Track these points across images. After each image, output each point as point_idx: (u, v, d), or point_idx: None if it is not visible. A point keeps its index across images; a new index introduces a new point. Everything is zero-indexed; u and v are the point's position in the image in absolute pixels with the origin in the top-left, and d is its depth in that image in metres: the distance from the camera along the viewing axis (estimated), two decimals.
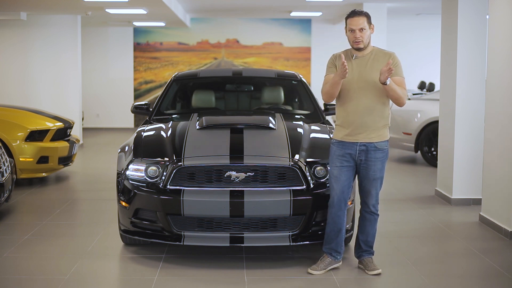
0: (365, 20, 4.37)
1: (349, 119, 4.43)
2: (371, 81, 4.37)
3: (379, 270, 4.54)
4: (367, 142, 4.41)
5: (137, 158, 4.87)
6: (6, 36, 11.99)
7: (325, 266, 4.58)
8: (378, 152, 4.43)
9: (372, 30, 4.48)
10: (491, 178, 5.91)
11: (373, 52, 4.45)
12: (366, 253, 4.63)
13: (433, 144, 9.48)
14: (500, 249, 5.24)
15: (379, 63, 4.39)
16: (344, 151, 4.45)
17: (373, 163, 4.42)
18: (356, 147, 4.42)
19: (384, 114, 4.44)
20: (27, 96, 11.92)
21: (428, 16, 14.61)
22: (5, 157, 6.28)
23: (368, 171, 4.44)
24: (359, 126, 4.40)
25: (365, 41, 4.39)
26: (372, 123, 4.40)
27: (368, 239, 4.61)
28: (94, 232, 5.66)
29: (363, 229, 4.61)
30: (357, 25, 4.35)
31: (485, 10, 6.74)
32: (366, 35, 4.39)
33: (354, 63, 4.44)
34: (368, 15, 4.44)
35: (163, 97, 6.24)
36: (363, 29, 4.36)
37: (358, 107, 4.40)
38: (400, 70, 4.44)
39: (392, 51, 4.54)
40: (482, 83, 6.76)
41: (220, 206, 4.53)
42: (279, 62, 15.81)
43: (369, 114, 4.39)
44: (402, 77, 4.43)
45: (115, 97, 15.85)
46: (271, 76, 6.63)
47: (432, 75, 14.68)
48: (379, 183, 4.50)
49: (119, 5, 10.56)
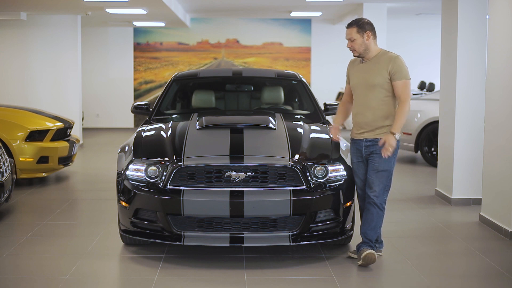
0: (354, 30, 4.63)
1: (357, 119, 4.74)
2: (372, 84, 4.63)
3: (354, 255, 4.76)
4: (372, 138, 4.65)
5: (137, 158, 4.87)
6: (6, 36, 11.99)
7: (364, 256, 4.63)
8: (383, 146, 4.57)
9: (368, 37, 4.64)
10: (491, 178, 5.91)
11: (377, 56, 4.67)
12: (365, 244, 4.67)
13: (433, 144, 9.48)
14: (500, 249, 5.24)
15: (380, 65, 4.63)
16: (356, 147, 4.77)
17: (378, 155, 4.60)
18: (363, 143, 4.69)
19: (388, 114, 4.64)
20: (27, 96, 11.92)
21: (428, 16, 14.61)
22: (5, 157, 6.28)
23: (373, 162, 4.63)
24: (364, 125, 4.68)
25: (358, 49, 4.64)
26: (376, 122, 4.63)
27: (367, 231, 4.66)
28: (94, 232, 5.66)
29: (364, 220, 4.72)
30: (347, 35, 4.68)
31: (485, 10, 6.74)
32: (358, 44, 4.63)
33: (361, 68, 4.72)
34: (360, 25, 4.65)
35: (163, 97, 6.24)
36: (352, 39, 4.64)
37: (363, 107, 4.68)
38: (404, 73, 4.58)
39: (397, 54, 4.67)
40: (482, 83, 6.76)
41: (220, 206, 4.53)
42: (279, 62, 15.82)
43: (372, 114, 4.64)
44: (406, 79, 4.58)
45: (115, 97, 15.85)
46: (271, 76, 6.63)
47: (432, 75, 14.68)
48: (385, 177, 4.62)
49: (119, 5, 10.56)
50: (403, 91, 4.56)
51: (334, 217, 4.77)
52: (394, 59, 4.59)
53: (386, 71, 4.58)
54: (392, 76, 4.57)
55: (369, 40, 4.65)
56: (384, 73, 4.59)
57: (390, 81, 4.59)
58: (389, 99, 4.63)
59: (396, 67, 4.56)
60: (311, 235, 4.69)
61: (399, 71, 4.57)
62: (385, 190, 4.66)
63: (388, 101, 4.63)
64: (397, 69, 4.56)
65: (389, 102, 4.63)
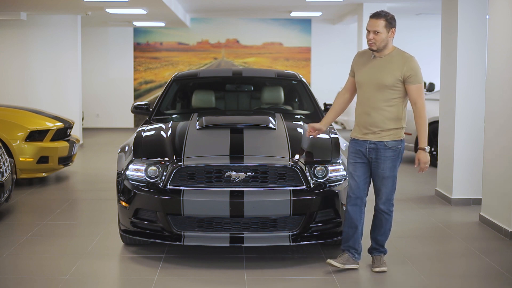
0: (382, 23, 4.33)
1: (361, 119, 4.50)
2: (382, 83, 4.38)
3: (382, 268, 4.56)
4: (377, 140, 4.44)
5: (137, 158, 4.87)
6: (6, 36, 11.99)
7: (343, 261, 4.57)
8: (388, 150, 4.43)
9: (392, 34, 4.40)
10: (491, 178, 5.91)
11: (391, 54, 4.42)
12: (376, 251, 4.65)
13: (433, 144, 9.47)
14: (500, 249, 5.24)
15: (393, 65, 4.37)
16: (357, 148, 4.52)
17: (382, 161, 4.44)
18: (366, 145, 4.47)
19: (396, 117, 4.42)
20: (27, 96, 11.92)
21: (428, 16, 14.61)
22: (5, 157, 6.28)
23: (378, 169, 4.46)
24: (369, 126, 4.45)
25: (379, 44, 4.36)
26: (382, 124, 4.41)
27: (378, 237, 4.62)
28: (94, 232, 5.66)
29: (374, 227, 4.63)
30: (372, 27, 4.36)
31: (485, 10, 6.74)
32: (381, 39, 4.34)
33: (371, 64, 4.46)
34: (389, 19, 4.37)
35: (163, 97, 6.24)
36: (377, 32, 4.34)
37: (369, 108, 4.43)
38: (419, 77, 4.37)
39: (412, 55, 4.45)
40: (482, 83, 6.76)
41: (220, 206, 4.53)
42: (279, 62, 15.81)
43: (379, 115, 4.41)
44: (421, 83, 4.39)
45: (115, 97, 15.85)
46: (271, 76, 6.63)
47: (432, 75, 14.66)
48: (390, 183, 4.48)
49: (119, 5, 10.55)
50: (419, 96, 4.37)
51: (334, 217, 4.76)
52: (409, 61, 4.36)
53: (399, 71, 4.34)
54: (407, 79, 4.34)
55: (392, 37, 4.41)
56: (396, 74, 4.35)
57: (402, 83, 4.37)
58: (398, 101, 4.40)
59: (412, 70, 4.33)
60: (311, 235, 4.69)
61: (415, 74, 4.34)
62: (391, 194, 4.52)
63: (397, 103, 4.40)
64: (413, 73, 4.33)
65: (398, 104, 4.41)
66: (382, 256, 4.65)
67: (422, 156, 4.41)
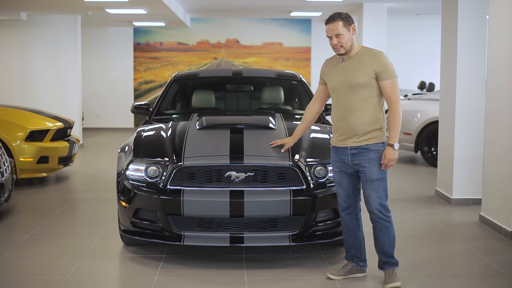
0: (340, 24, 4.16)
1: (338, 124, 4.30)
2: (355, 83, 4.17)
3: (395, 284, 4.27)
4: (357, 145, 4.21)
5: (137, 158, 4.87)
6: (6, 36, 11.99)
7: (345, 272, 4.43)
8: (371, 153, 4.19)
9: (354, 31, 4.21)
10: (491, 178, 5.91)
11: (359, 53, 4.24)
12: (387, 264, 4.33)
13: (433, 144, 9.48)
14: (500, 249, 5.24)
15: (364, 63, 4.18)
16: (339, 156, 4.33)
17: (368, 164, 4.19)
18: (347, 152, 4.26)
19: (374, 118, 4.19)
20: (27, 96, 11.92)
21: (428, 16, 14.61)
22: (5, 157, 6.28)
23: (365, 173, 4.21)
24: (347, 131, 4.23)
25: (346, 45, 4.18)
26: (360, 127, 4.18)
27: (384, 249, 4.30)
28: (94, 232, 5.66)
29: (376, 239, 4.33)
30: (332, 31, 4.19)
31: (485, 10, 6.74)
32: (345, 39, 4.17)
33: (341, 67, 4.27)
34: (345, 18, 4.20)
35: (163, 97, 6.24)
36: (339, 35, 4.16)
37: (345, 110, 4.23)
38: (390, 71, 4.16)
39: (381, 51, 4.29)
40: (482, 83, 6.76)
41: (220, 206, 4.53)
42: (279, 62, 15.82)
43: (355, 118, 4.19)
44: (393, 78, 4.16)
45: (115, 97, 15.85)
46: (271, 76, 6.63)
47: (432, 75, 14.68)
48: (381, 186, 4.21)
49: (119, 5, 10.56)
50: (393, 91, 4.14)
51: (334, 217, 4.75)
52: (379, 56, 4.16)
53: (371, 68, 4.13)
54: (379, 74, 4.13)
55: (354, 34, 4.20)
56: (369, 71, 4.14)
57: (376, 80, 4.16)
58: (373, 100, 4.17)
59: (382, 65, 4.13)
60: (311, 235, 4.68)
61: (386, 69, 4.13)
62: (384, 199, 4.23)
63: (373, 102, 4.18)
64: (384, 67, 4.12)
65: (374, 103, 4.18)
66: (395, 270, 4.32)
67: (389, 152, 4.14)
